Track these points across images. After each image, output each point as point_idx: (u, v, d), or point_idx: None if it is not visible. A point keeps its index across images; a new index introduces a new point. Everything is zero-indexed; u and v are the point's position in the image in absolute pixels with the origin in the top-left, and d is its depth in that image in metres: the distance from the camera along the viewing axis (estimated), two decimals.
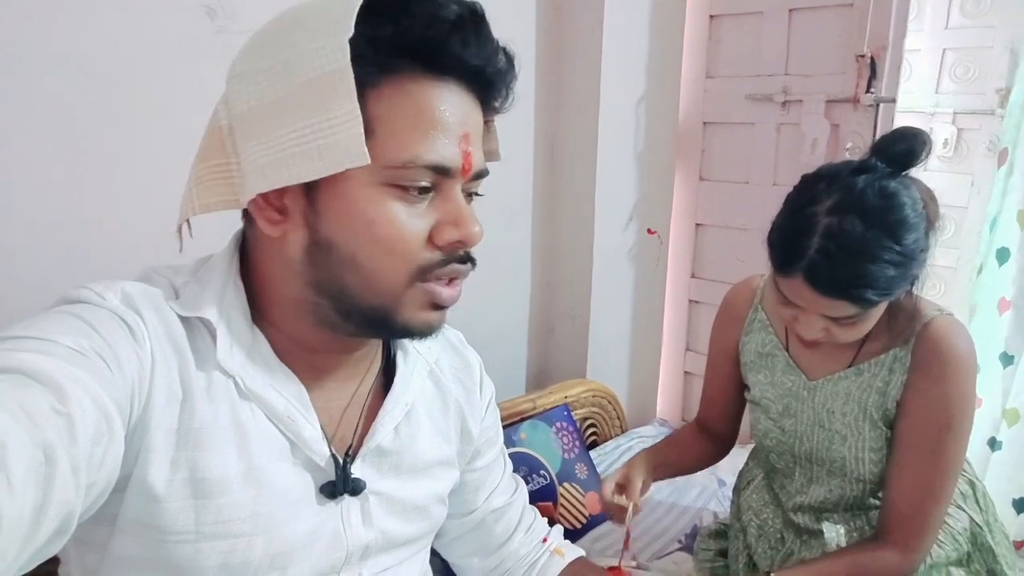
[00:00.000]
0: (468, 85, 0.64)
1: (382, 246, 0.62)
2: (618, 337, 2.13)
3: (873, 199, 0.94)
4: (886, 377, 1.10)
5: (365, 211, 0.61)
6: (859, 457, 1.14)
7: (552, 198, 2.03)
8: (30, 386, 0.48)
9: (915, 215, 0.95)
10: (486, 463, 0.91)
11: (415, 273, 0.64)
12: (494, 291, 1.93)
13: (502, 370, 2.03)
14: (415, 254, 0.63)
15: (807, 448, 1.20)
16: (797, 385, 1.19)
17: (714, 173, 2.04)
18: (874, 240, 0.93)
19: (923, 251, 0.97)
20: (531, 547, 0.96)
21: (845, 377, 1.13)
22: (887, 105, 1.61)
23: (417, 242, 0.63)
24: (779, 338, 1.22)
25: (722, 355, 1.32)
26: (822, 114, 1.72)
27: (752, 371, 1.26)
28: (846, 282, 0.94)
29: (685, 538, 1.61)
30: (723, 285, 2.14)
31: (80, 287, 0.61)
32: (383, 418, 0.74)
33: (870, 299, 0.95)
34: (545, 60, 1.90)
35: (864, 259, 0.93)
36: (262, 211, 0.64)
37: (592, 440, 1.96)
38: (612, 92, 1.88)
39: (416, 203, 0.63)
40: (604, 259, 2.00)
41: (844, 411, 1.14)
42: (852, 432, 1.14)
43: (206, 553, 0.62)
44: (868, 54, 1.62)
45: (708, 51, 1.98)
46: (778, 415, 1.22)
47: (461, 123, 0.63)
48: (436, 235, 0.64)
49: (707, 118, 2.01)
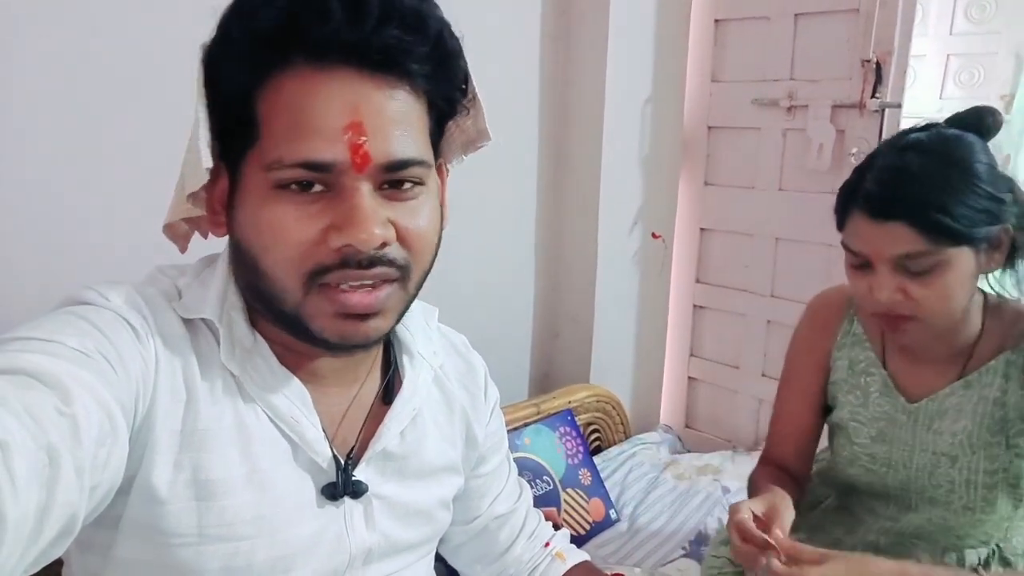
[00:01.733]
0: (365, 71, 0.57)
1: (272, 249, 0.59)
2: (622, 342, 2.12)
3: (933, 139, 0.92)
4: (1002, 385, 0.99)
5: (259, 214, 0.59)
6: (971, 481, 1.01)
7: (556, 201, 2.02)
8: (34, 387, 0.48)
9: (984, 158, 0.91)
10: (491, 469, 0.90)
11: (306, 278, 0.60)
12: (497, 294, 1.93)
13: (505, 374, 2.02)
14: (303, 258, 0.59)
15: (903, 477, 1.07)
16: (895, 409, 1.07)
17: (719, 178, 2.03)
18: (932, 166, 0.89)
19: (998, 197, 0.90)
20: (533, 552, 0.95)
21: (952, 393, 1.02)
22: (893, 110, 1.61)
23: (304, 246, 0.59)
24: (876, 353, 1.09)
25: (808, 369, 1.15)
26: (828, 119, 1.72)
27: (842, 391, 1.13)
28: (903, 198, 0.88)
29: (689, 544, 1.60)
30: (728, 290, 2.17)
31: (84, 288, 0.61)
32: (390, 422, 0.73)
33: (933, 220, 0.87)
34: (550, 63, 1.90)
35: (921, 179, 0.88)
36: (214, 214, 0.66)
37: (596, 446, 1.95)
38: (617, 96, 1.88)
39: (308, 204, 0.59)
40: (608, 263, 1.99)
41: (954, 430, 1.02)
42: (964, 452, 1.01)
43: (208, 556, 0.62)
44: (874, 59, 1.62)
45: (713, 55, 1.97)
46: (868, 441, 1.09)
47: (344, 113, 0.57)
48: (325, 238, 0.59)
49: (712, 122, 2.01)
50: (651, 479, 1.84)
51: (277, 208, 0.59)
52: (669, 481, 1.83)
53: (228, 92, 0.60)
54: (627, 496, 1.77)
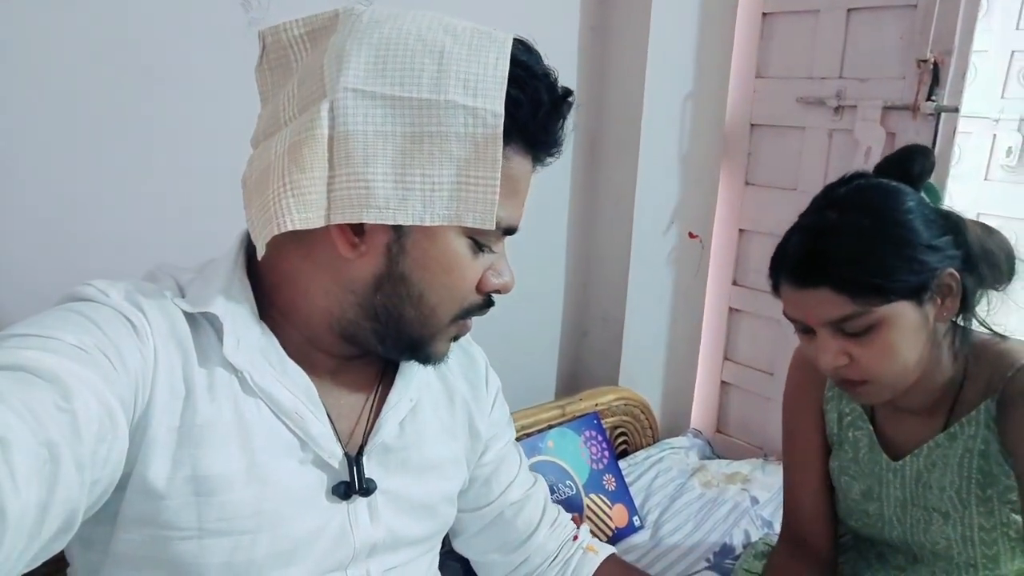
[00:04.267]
0: (537, 156, 0.70)
1: (449, 288, 0.68)
2: (653, 343, 2.07)
3: (851, 192, 0.89)
4: (985, 435, 0.93)
5: (446, 257, 0.67)
6: (967, 537, 0.96)
7: (591, 197, 1.97)
8: (34, 383, 0.49)
9: (909, 205, 0.86)
10: (496, 456, 0.91)
11: (461, 313, 0.71)
12: (526, 290, 1.85)
13: (532, 373, 1.99)
14: (467, 298, 0.70)
15: (899, 532, 1.03)
16: (881, 467, 1.03)
17: (760, 177, 1.96)
18: (850, 222, 0.85)
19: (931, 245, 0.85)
20: (560, 543, 0.94)
21: (938, 445, 0.97)
22: (949, 115, 1.52)
23: (471, 287, 0.70)
24: (863, 407, 1.06)
25: (806, 429, 1.10)
26: (878, 121, 1.63)
27: (835, 443, 1.09)
28: (822, 261, 0.85)
29: (714, 556, 1.56)
30: (765, 295, 2.07)
31: (84, 285, 0.62)
32: (387, 414, 0.75)
33: (855, 280, 0.83)
34: (588, 55, 1.84)
35: (836, 237, 0.85)
36: (344, 233, 0.65)
37: (623, 449, 1.92)
38: (657, 89, 1.82)
39: (480, 254, 0.69)
40: (642, 262, 1.94)
41: (942, 484, 0.97)
42: (955, 508, 0.96)
43: (209, 550, 0.63)
44: (931, 59, 1.52)
45: (759, 50, 1.89)
46: (860, 498, 1.06)
47: (528, 188, 0.71)
48: (483, 282, 0.71)
49: (755, 120, 1.93)
50: (678, 485, 1.80)
51: (465, 254, 0.68)
52: (696, 488, 1.79)
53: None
54: (652, 502, 1.73)
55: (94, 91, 1.13)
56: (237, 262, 0.69)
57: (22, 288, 1.10)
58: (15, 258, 1.11)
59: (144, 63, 1.16)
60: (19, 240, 1.11)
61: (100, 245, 1.17)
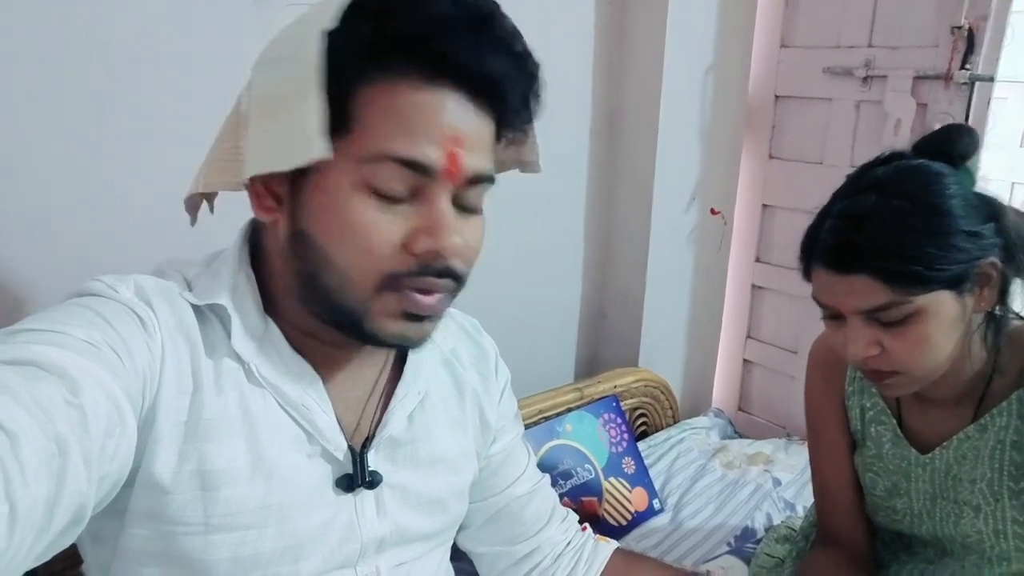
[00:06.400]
0: (470, 94, 0.60)
1: (352, 245, 0.60)
2: (674, 323, 2.04)
3: (890, 174, 0.84)
4: (1017, 426, 0.90)
5: (340, 208, 0.60)
6: (1000, 531, 0.93)
7: (609, 173, 1.93)
8: (43, 378, 0.49)
9: (952, 189, 0.82)
10: (503, 448, 0.90)
11: (384, 279, 0.61)
12: (543, 270, 1.86)
13: (550, 355, 1.97)
14: (385, 259, 0.60)
15: (928, 527, 1.00)
16: (908, 462, 1.00)
17: (785, 151, 1.91)
18: (890, 207, 0.81)
19: (973, 231, 0.81)
20: (568, 535, 0.94)
21: (967, 438, 0.94)
22: (983, 84, 1.45)
23: (388, 247, 0.60)
24: (886, 401, 1.02)
25: (830, 424, 1.07)
26: (908, 91, 1.57)
27: (859, 441, 1.06)
28: (861, 248, 0.81)
29: (735, 540, 1.54)
30: (789, 272, 2.03)
31: (92, 280, 0.63)
32: (395, 407, 0.74)
33: (896, 268, 0.80)
34: (605, 24, 1.78)
35: (879, 224, 0.81)
36: (259, 197, 0.64)
37: (642, 431, 1.89)
38: (677, 60, 1.77)
39: (393, 205, 0.60)
40: (662, 239, 1.90)
41: (973, 476, 0.94)
42: (986, 501, 0.93)
43: (216, 545, 0.63)
44: (966, 25, 1.46)
45: (784, 18, 1.83)
46: (885, 494, 1.03)
47: (450, 126, 0.60)
48: (411, 242, 0.61)
49: (780, 91, 1.88)
50: (699, 466, 1.78)
51: (364, 205, 0.60)
52: (717, 470, 1.77)
53: (330, 81, 0.58)
54: (672, 484, 1.71)
55: (101, 84, 1.12)
56: (242, 254, 0.69)
57: (29, 285, 1.09)
58: (20, 256, 1.10)
59: (152, 53, 1.15)
60: (26, 237, 1.10)
61: (108, 241, 1.16)
